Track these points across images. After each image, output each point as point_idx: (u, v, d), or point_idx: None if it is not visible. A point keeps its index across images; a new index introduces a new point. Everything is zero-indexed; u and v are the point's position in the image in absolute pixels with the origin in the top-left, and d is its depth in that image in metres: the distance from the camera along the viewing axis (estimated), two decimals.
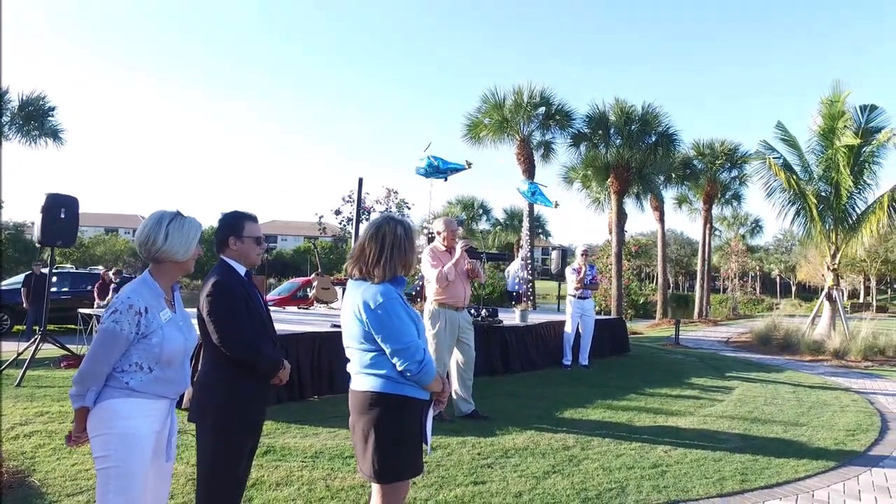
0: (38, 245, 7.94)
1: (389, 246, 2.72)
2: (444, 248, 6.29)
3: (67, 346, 8.48)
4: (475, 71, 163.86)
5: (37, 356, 7.79)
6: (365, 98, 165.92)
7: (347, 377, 2.82)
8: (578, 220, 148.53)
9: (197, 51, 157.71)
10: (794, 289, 69.25)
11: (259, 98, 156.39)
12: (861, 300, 48.33)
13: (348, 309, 2.77)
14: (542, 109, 20.54)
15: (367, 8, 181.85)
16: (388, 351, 2.64)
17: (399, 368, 2.64)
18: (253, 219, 3.13)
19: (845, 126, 14.54)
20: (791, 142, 15.91)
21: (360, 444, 2.71)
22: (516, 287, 14.89)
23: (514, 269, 15.18)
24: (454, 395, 6.34)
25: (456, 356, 6.36)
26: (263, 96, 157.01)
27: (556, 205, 14.42)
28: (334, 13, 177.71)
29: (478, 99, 21.22)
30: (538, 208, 19.53)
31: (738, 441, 5.81)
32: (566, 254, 16.02)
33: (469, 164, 10.31)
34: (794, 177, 15.12)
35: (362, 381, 2.71)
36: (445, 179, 10.54)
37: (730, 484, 4.58)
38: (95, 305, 11.89)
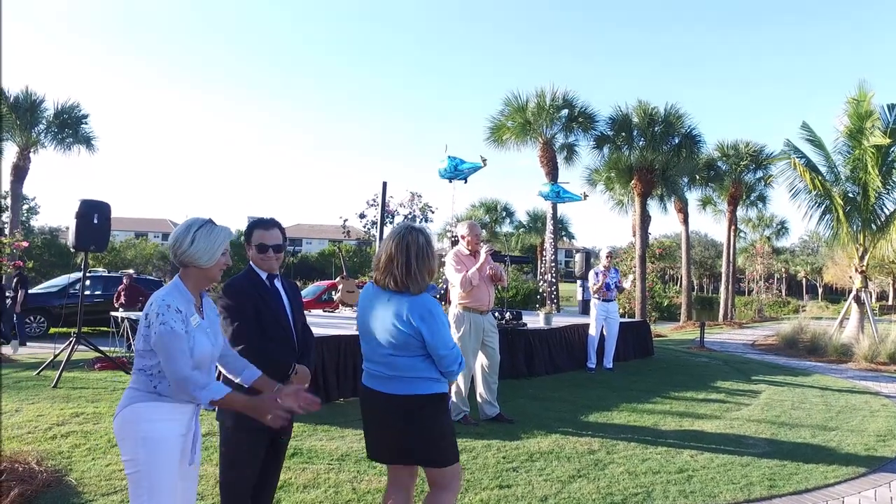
0: (72, 250, 8.09)
1: (415, 256, 2.85)
2: (468, 252, 6.31)
3: (101, 348, 8.63)
4: (495, 71, 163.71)
5: (72, 358, 7.95)
6: (389, 100, 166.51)
7: None
8: (602, 222, 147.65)
9: (224, 56, 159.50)
10: (820, 291, 68.28)
11: (285, 102, 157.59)
12: (890, 302, 47.46)
13: (385, 319, 2.90)
14: (564, 112, 20.51)
15: (389, 10, 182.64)
16: (436, 355, 2.86)
17: (443, 370, 2.91)
18: (264, 225, 3.21)
19: (874, 126, 14.34)
20: (817, 142, 15.72)
21: (414, 441, 2.93)
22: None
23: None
24: (479, 399, 6.37)
25: (481, 360, 6.38)
26: (290, 101, 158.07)
27: (585, 196, 14.45)
28: (359, 17, 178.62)
29: (499, 101, 21.26)
30: (562, 210, 19.50)
31: (765, 446, 5.77)
32: (590, 256, 15.96)
33: (484, 161, 10.36)
34: (820, 178, 14.92)
35: (405, 385, 2.91)
36: (465, 181, 10.62)
37: (757, 490, 4.55)
38: (121, 309, 11.82)
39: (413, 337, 2.84)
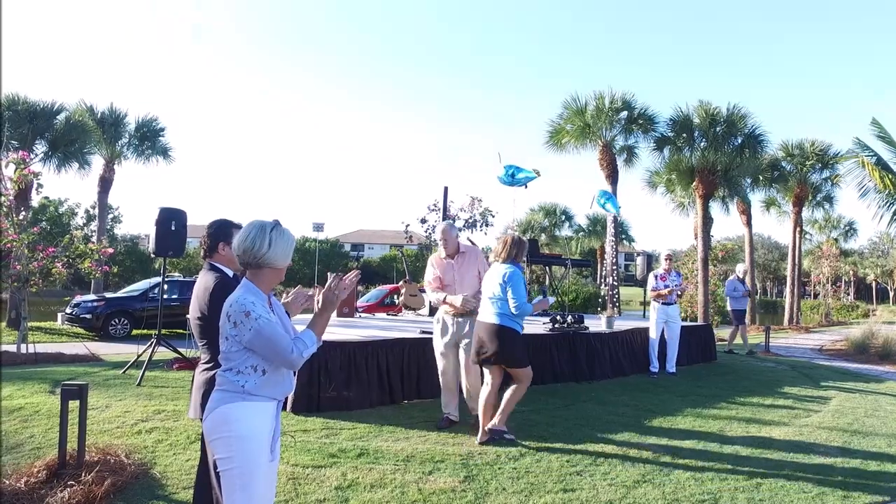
0: (152, 255, 8.52)
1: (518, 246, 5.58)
2: (444, 256, 6.01)
3: (179, 349, 9.06)
4: (551, 74, 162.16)
5: (153, 358, 8.38)
6: (448, 104, 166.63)
7: (434, 383, 5.79)
8: (663, 225, 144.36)
9: (286, 67, 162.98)
10: (891, 294, 65.34)
11: (347, 109, 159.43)
12: None
13: (495, 280, 5.43)
14: (623, 114, 20.32)
15: (441, 14, 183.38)
16: (510, 302, 5.31)
17: (514, 311, 5.31)
18: (240, 227, 3.32)
19: None
20: (888, 139, 15.08)
21: (502, 351, 5.29)
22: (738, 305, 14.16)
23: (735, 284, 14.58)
24: (464, 393, 6.05)
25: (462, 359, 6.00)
26: (352, 106, 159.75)
27: (619, 209, 14.84)
28: (415, 23, 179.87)
29: (556, 104, 21.23)
30: (622, 213, 19.33)
31: (837, 454, 5.62)
32: (651, 259, 15.76)
33: (538, 173, 10.43)
34: (891, 176, 14.28)
35: (496, 318, 5.36)
36: (525, 186, 10.69)
37: (831, 499, 4.46)
38: None
39: (503, 288, 5.30)
